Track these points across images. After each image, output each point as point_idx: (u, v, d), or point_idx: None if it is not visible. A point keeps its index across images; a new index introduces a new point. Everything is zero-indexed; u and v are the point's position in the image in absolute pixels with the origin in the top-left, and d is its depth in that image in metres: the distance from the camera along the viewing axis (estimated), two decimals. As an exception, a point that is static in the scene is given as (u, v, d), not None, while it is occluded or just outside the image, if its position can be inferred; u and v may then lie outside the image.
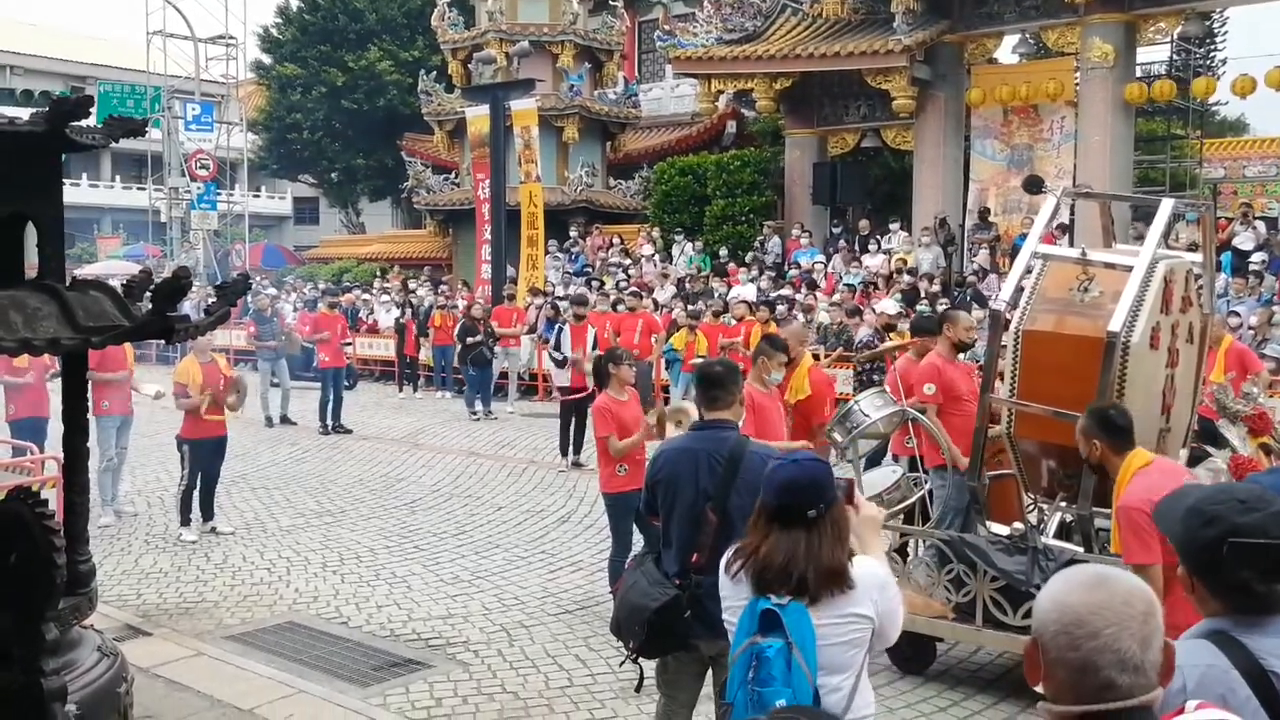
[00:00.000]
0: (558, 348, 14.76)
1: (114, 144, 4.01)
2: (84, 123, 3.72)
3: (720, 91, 25.16)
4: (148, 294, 3.74)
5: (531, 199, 23.93)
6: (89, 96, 3.69)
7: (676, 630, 4.48)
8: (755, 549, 3.17)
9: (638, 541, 7.75)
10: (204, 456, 10.23)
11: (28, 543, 3.50)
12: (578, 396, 13.47)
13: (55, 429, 4.75)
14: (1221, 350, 11.15)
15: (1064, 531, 6.71)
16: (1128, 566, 4.27)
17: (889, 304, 16.67)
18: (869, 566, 3.19)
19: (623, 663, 5.04)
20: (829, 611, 3.07)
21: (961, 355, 8.21)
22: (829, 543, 3.10)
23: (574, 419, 13.72)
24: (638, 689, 5.06)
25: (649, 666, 4.86)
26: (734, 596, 3.26)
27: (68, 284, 3.74)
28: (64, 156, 3.95)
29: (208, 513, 10.43)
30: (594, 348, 13.92)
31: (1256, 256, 17.02)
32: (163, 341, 3.94)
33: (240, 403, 10.47)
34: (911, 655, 6.73)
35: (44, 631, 3.48)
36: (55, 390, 11.16)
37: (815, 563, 3.07)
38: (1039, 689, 1.98)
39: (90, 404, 4.57)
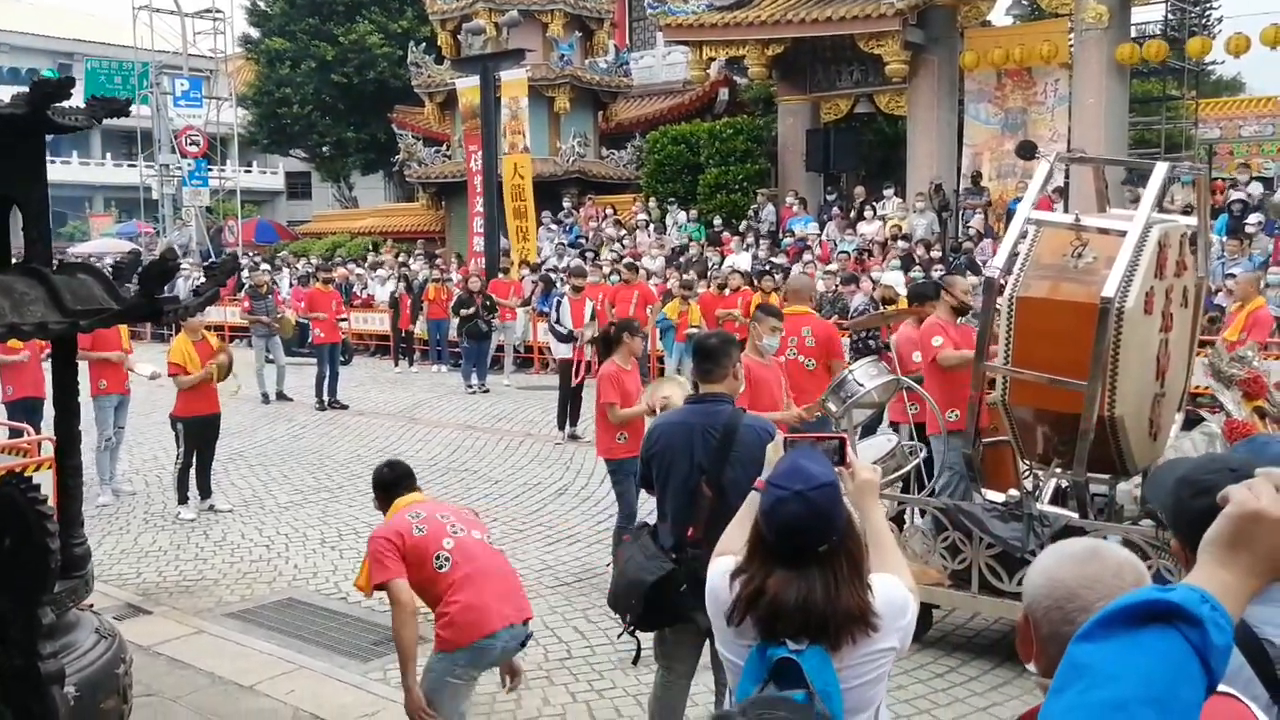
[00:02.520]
0: (559, 321, 14.74)
1: (99, 124, 3.98)
2: (67, 103, 3.69)
3: (712, 58, 25.05)
4: (136, 275, 3.72)
5: (517, 170, 23.82)
6: (71, 78, 3.67)
7: (673, 603, 4.50)
8: (759, 591, 2.64)
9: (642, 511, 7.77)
10: (198, 434, 10.22)
11: (21, 527, 3.49)
12: (580, 380, 13.54)
13: (51, 410, 4.80)
14: (1246, 310, 11.17)
15: (1059, 497, 6.73)
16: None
17: (896, 277, 16.56)
18: (890, 591, 2.74)
19: (620, 635, 5.06)
20: (854, 653, 2.64)
21: (960, 319, 8.23)
22: (847, 580, 2.62)
23: (572, 391, 13.72)
24: (635, 661, 5.11)
25: (646, 639, 4.88)
26: (735, 638, 2.79)
27: (55, 267, 3.72)
28: (49, 137, 3.93)
29: (205, 491, 10.43)
30: (592, 319, 13.92)
31: (1252, 218, 16.99)
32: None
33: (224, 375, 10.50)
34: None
35: (40, 615, 3.49)
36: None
37: (835, 606, 2.59)
38: (1031, 666, 1.98)
39: (85, 385, 4.56)
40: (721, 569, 2.84)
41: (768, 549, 2.66)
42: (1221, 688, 1.85)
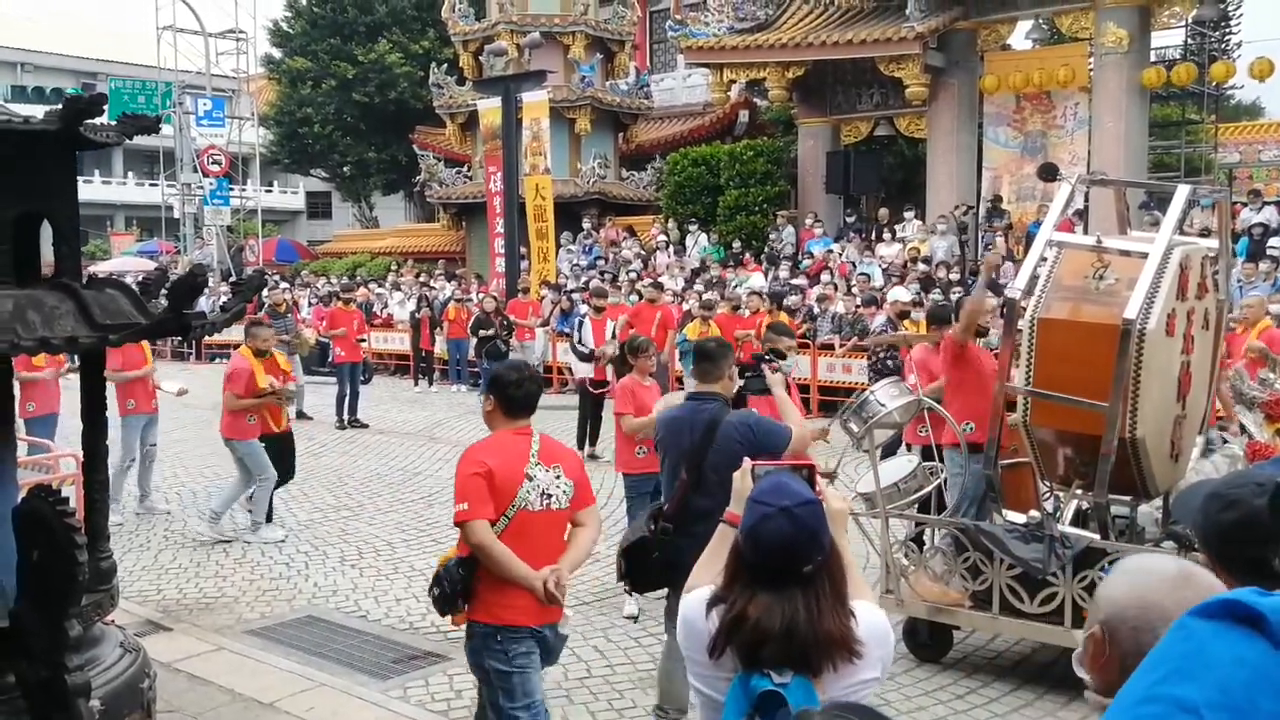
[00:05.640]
0: (580, 341, 14.78)
1: (130, 140, 4.02)
2: (97, 120, 3.73)
3: (732, 81, 25.12)
4: (164, 291, 3.75)
5: (539, 191, 23.89)
6: (102, 94, 3.70)
7: (646, 569, 5.31)
8: (741, 616, 2.53)
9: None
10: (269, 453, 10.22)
11: (50, 540, 3.52)
12: (600, 392, 13.58)
13: (72, 426, 4.80)
14: (1255, 331, 11.12)
15: (1080, 519, 6.70)
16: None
17: (901, 291, 16.63)
18: (872, 619, 2.66)
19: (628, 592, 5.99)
20: (837, 684, 2.54)
21: (980, 340, 8.24)
22: (830, 604, 2.53)
23: (592, 411, 13.73)
24: (634, 619, 6.52)
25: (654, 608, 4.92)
26: (714, 671, 2.66)
27: (84, 282, 3.75)
28: (77, 154, 3.96)
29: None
30: (613, 339, 13.95)
31: (1275, 241, 16.94)
32: (179, 338, 3.96)
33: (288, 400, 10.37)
34: (928, 643, 6.74)
35: (67, 628, 3.50)
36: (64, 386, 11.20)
37: (819, 632, 2.50)
38: (1087, 678, 1.95)
39: (112, 403, 4.58)
40: (697, 599, 2.73)
41: (751, 571, 2.56)
42: None
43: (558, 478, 4.62)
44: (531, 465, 4.56)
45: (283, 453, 10.27)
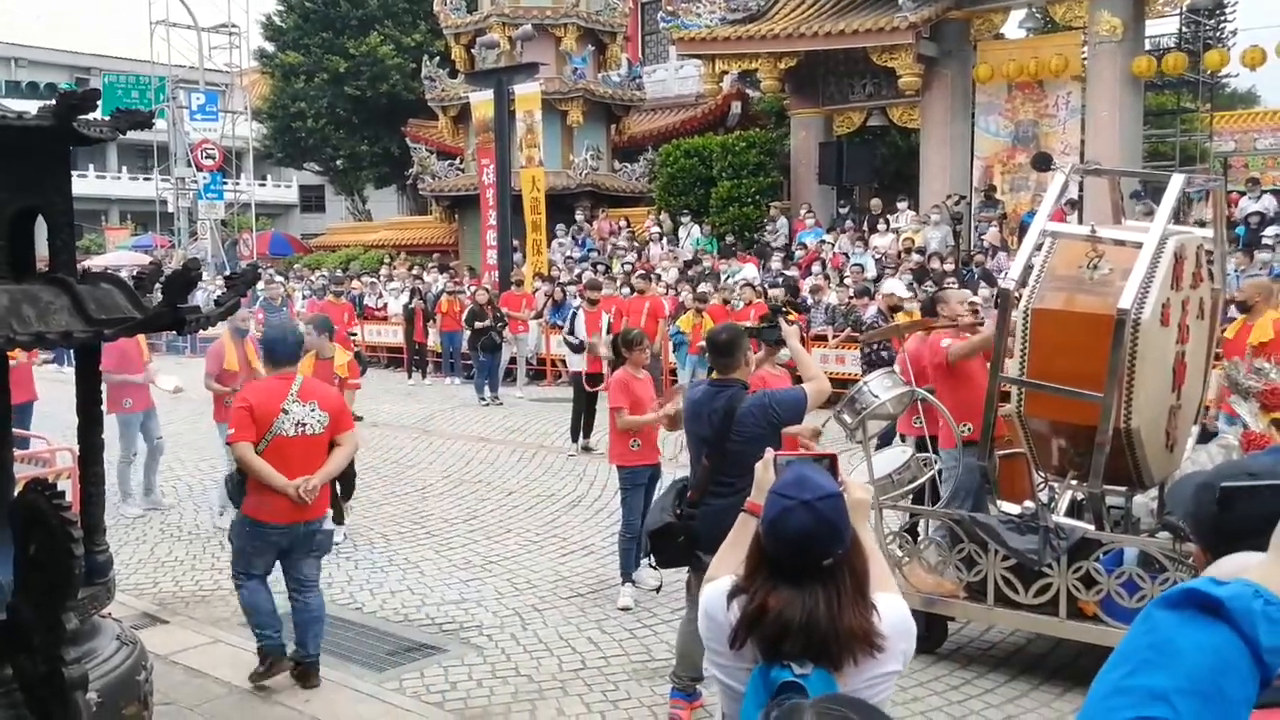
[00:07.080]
0: (571, 332, 14.78)
1: (123, 135, 4.02)
2: (91, 115, 3.72)
3: (724, 72, 25.10)
4: (158, 286, 3.75)
5: (534, 184, 23.87)
6: (96, 90, 3.69)
7: (673, 550, 5.58)
8: (762, 608, 2.52)
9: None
10: None
11: (46, 534, 3.52)
12: (596, 389, 13.57)
13: (67, 420, 4.75)
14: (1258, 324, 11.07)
15: (1075, 510, 6.72)
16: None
17: (896, 285, 16.63)
18: (895, 612, 2.62)
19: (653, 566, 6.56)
20: (858, 677, 2.51)
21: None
22: (851, 598, 2.51)
23: (586, 403, 13.74)
24: (657, 590, 7.37)
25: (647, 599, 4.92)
26: (734, 661, 2.66)
27: (78, 277, 3.75)
28: (71, 149, 3.96)
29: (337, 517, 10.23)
30: (607, 332, 13.95)
31: (1270, 230, 16.95)
32: (174, 332, 3.95)
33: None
34: (923, 634, 6.74)
35: (64, 621, 3.51)
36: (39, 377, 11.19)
37: (840, 625, 2.47)
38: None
39: (106, 400, 4.57)
40: (718, 590, 2.72)
41: (771, 564, 2.56)
42: None
43: (312, 411, 6.11)
44: (288, 402, 6.06)
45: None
